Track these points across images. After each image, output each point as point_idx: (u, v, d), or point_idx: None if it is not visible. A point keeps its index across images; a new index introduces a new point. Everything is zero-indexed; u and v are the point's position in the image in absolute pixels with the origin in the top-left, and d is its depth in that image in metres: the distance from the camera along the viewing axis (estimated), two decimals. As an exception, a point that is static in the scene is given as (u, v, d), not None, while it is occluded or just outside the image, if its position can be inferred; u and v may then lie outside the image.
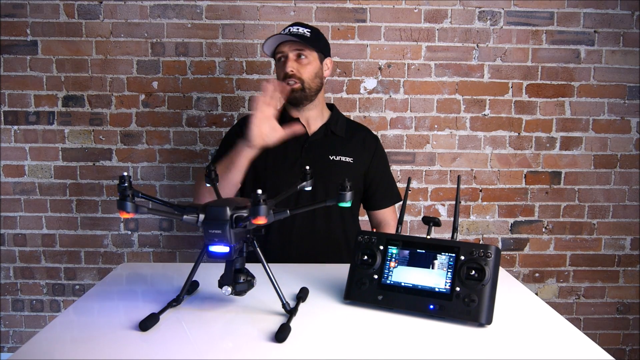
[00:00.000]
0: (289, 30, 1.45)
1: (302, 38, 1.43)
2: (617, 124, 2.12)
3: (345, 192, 0.93)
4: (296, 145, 1.50)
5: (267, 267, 0.94)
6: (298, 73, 1.44)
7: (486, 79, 2.09)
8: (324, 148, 1.51)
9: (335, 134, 1.54)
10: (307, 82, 1.45)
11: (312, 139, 1.51)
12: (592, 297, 2.21)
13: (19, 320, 2.17)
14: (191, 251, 2.16)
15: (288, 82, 1.43)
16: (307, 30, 1.46)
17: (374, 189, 1.58)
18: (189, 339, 0.84)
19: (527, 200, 2.15)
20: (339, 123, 1.56)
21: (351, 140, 1.55)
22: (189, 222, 0.87)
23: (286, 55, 1.44)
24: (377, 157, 1.58)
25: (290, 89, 1.44)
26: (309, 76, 1.45)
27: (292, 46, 1.44)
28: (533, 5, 2.05)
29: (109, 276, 1.19)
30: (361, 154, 1.54)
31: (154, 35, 2.03)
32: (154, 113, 2.07)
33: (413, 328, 0.90)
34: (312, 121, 1.53)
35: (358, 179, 1.54)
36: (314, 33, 1.47)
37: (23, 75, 2.04)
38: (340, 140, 1.54)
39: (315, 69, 1.47)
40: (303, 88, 1.45)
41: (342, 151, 1.52)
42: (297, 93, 1.45)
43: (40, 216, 2.11)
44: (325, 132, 1.53)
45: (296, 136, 1.50)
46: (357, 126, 1.63)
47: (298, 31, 1.44)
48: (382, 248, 1.01)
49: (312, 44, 1.44)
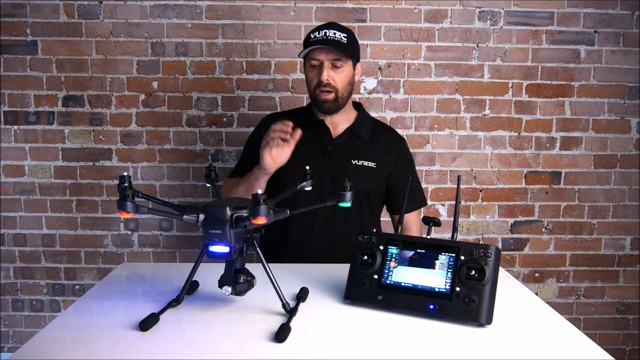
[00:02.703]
0: (325, 34, 1.40)
1: (339, 45, 1.39)
2: (617, 124, 2.12)
3: (345, 192, 0.93)
4: (319, 148, 1.48)
5: (267, 267, 0.94)
6: (333, 82, 1.41)
7: (486, 79, 2.09)
8: (346, 152, 1.49)
9: (359, 137, 1.51)
10: (340, 92, 1.43)
11: (335, 143, 1.49)
12: (592, 297, 2.21)
13: (19, 320, 2.17)
14: (191, 251, 2.16)
15: (322, 91, 1.41)
16: (343, 36, 1.41)
17: (396, 192, 1.55)
18: (189, 339, 0.84)
19: (527, 200, 2.15)
20: (364, 126, 1.53)
21: (375, 143, 1.53)
22: (189, 222, 0.87)
23: (322, 62, 1.40)
24: (401, 161, 1.55)
25: (323, 98, 1.42)
26: (342, 85, 1.43)
27: (329, 54, 1.40)
28: (533, 5, 2.05)
29: (109, 276, 1.19)
30: (384, 158, 1.52)
31: (154, 35, 2.03)
32: (154, 113, 2.07)
33: (413, 328, 0.90)
34: (337, 124, 1.51)
35: (380, 183, 1.52)
36: (350, 38, 1.43)
37: (23, 75, 2.04)
38: (364, 144, 1.51)
39: (349, 76, 1.44)
40: (336, 98, 1.43)
41: (365, 155, 1.50)
42: (330, 104, 1.43)
43: (40, 216, 2.11)
44: (349, 136, 1.51)
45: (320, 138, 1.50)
46: (383, 127, 1.60)
47: (335, 37, 1.39)
48: (382, 248, 1.01)
49: (349, 52, 1.41)
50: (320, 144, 1.48)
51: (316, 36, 1.40)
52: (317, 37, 1.40)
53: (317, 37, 1.40)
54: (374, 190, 1.52)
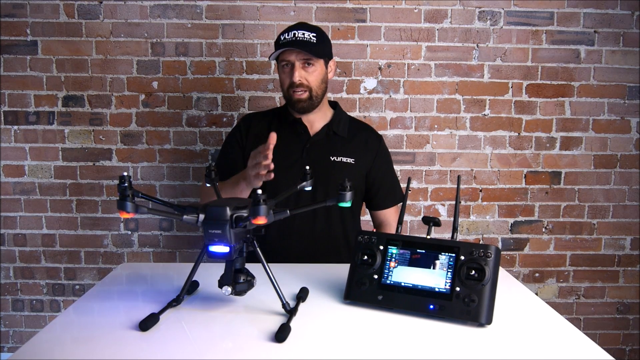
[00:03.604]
0: (294, 35, 1.41)
1: (308, 46, 1.40)
2: (617, 124, 2.12)
3: (345, 192, 0.93)
4: (298, 146, 1.49)
5: (267, 267, 0.94)
6: (306, 81, 1.42)
7: (486, 79, 2.09)
8: (325, 149, 1.51)
9: (337, 134, 1.53)
10: (314, 90, 1.44)
11: (313, 139, 1.51)
12: (592, 297, 2.21)
13: (19, 320, 2.17)
14: (191, 251, 2.16)
15: (295, 91, 1.43)
16: (312, 35, 1.42)
17: (376, 189, 1.58)
18: (189, 339, 0.84)
19: (527, 200, 2.15)
20: (341, 123, 1.56)
21: (353, 140, 1.55)
22: (189, 222, 0.87)
23: (292, 63, 1.42)
24: (379, 157, 1.57)
25: (297, 98, 1.43)
26: (316, 83, 1.44)
27: (299, 54, 1.41)
28: (533, 5, 2.05)
29: (109, 276, 1.19)
30: (363, 154, 1.54)
31: (154, 35, 2.03)
32: (154, 113, 2.07)
33: (413, 328, 0.90)
34: (314, 122, 1.53)
35: (359, 179, 1.54)
36: (319, 37, 1.44)
37: (23, 75, 2.04)
38: (342, 140, 1.53)
39: (321, 74, 1.46)
40: (310, 96, 1.44)
41: (344, 152, 1.51)
42: (304, 103, 1.45)
43: (40, 216, 2.11)
44: (327, 133, 1.52)
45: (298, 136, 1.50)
46: (360, 125, 1.62)
47: (304, 37, 1.41)
48: (382, 248, 1.01)
49: (318, 52, 1.42)
50: (298, 142, 1.49)
51: (285, 37, 1.41)
52: (287, 38, 1.41)
53: (287, 39, 1.41)
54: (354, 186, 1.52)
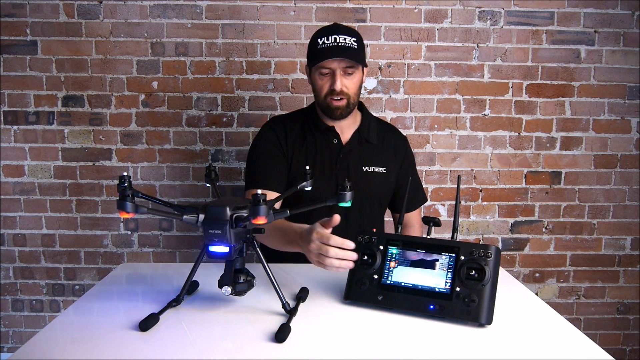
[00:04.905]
0: (335, 40, 1.33)
1: (351, 52, 1.33)
2: (617, 124, 2.12)
3: (345, 192, 0.93)
4: (331, 157, 1.46)
5: (267, 267, 0.94)
6: (346, 89, 1.36)
7: (486, 79, 2.09)
8: (357, 158, 1.47)
9: (368, 141, 1.49)
10: (352, 97, 1.39)
11: (346, 150, 1.46)
12: (592, 297, 2.21)
13: (19, 320, 2.17)
14: (191, 251, 2.16)
15: (333, 98, 1.36)
16: (353, 41, 1.35)
17: (402, 192, 1.55)
18: (189, 339, 0.84)
19: (527, 200, 2.15)
20: (370, 128, 1.51)
21: (383, 146, 1.52)
22: (189, 222, 0.87)
23: (334, 70, 1.35)
24: (406, 162, 1.56)
25: (335, 105, 1.37)
26: (354, 90, 1.39)
27: (341, 62, 1.34)
28: (533, 5, 2.05)
29: (109, 276, 1.19)
30: (393, 161, 1.52)
31: (154, 35, 2.03)
32: (154, 113, 2.07)
33: (413, 328, 0.90)
34: (345, 128, 1.48)
35: (390, 187, 1.53)
36: (359, 42, 1.38)
37: (23, 75, 2.04)
38: (373, 148, 1.50)
39: (359, 81, 1.41)
40: (348, 104, 1.39)
41: (375, 161, 1.49)
42: (342, 110, 1.39)
43: (40, 216, 2.11)
44: (359, 140, 1.48)
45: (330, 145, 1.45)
46: (386, 128, 1.59)
47: (346, 43, 1.33)
48: (382, 248, 1.01)
49: (361, 59, 1.36)
50: (331, 152, 1.46)
51: (325, 42, 1.33)
52: (327, 43, 1.33)
53: (327, 44, 1.33)
54: (385, 195, 1.54)
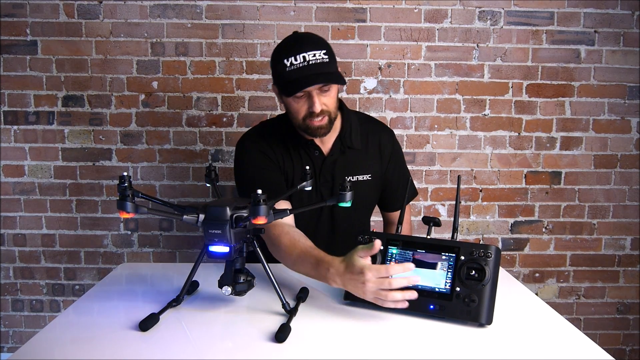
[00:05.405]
0: (305, 59, 1.20)
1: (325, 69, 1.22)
2: (617, 124, 2.12)
3: (345, 192, 0.93)
4: (314, 169, 1.37)
5: (267, 267, 0.94)
6: (325, 107, 1.26)
7: (486, 79, 2.09)
8: (341, 169, 1.39)
9: (351, 147, 1.39)
10: (333, 112, 1.29)
11: (328, 161, 1.38)
12: (592, 297, 2.21)
13: (19, 320, 2.17)
14: (191, 251, 2.16)
15: (313, 120, 1.26)
16: (323, 53, 1.22)
17: (392, 189, 1.49)
18: (189, 339, 0.84)
19: (527, 200, 2.15)
20: (352, 132, 1.40)
21: (367, 150, 1.42)
22: (189, 222, 0.87)
23: (309, 92, 1.23)
24: (393, 159, 1.47)
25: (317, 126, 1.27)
26: (333, 105, 1.29)
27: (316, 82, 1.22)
28: (533, 5, 2.05)
29: (109, 276, 1.19)
30: (378, 163, 1.44)
31: (154, 35, 2.03)
32: (154, 113, 2.07)
33: (413, 328, 0.90)
34: (326, 139, 1.37)
35: (377, 191, 1.46)
36: (329, 52, 1.25)
37: (23, 75, 2.04)
38: (356, 154, 1.40)
39: (336, 93, 1.31)
40: (330, 120, 1.28)
41: (360, 168, 1.40)
42: (324, 129, 1.28)
43: (40, 216, 2.11)
44: (341, 149, 1.38)
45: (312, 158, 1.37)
46: (369, 127, 1.46)
47: (317, 59, 1.21)
48: (382, 248, 1.01)
49: (336, 74, 1.25)
50: (314, 165, 1.37)
51: (293, 63, 1.20)
52: (296, 64, 1.20)
53: (296, 65, 1.19)
54: (372, 200, 1.49)
